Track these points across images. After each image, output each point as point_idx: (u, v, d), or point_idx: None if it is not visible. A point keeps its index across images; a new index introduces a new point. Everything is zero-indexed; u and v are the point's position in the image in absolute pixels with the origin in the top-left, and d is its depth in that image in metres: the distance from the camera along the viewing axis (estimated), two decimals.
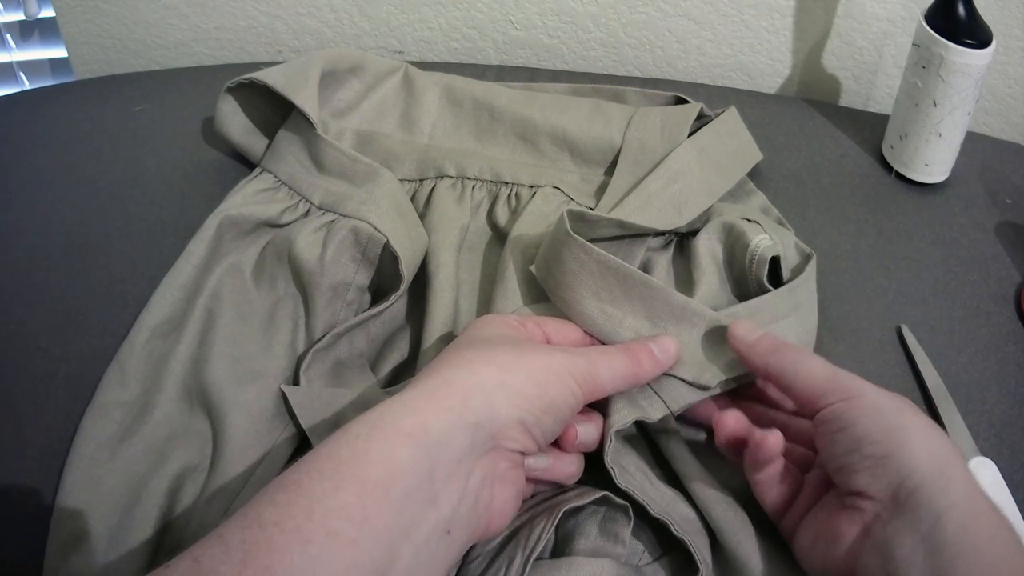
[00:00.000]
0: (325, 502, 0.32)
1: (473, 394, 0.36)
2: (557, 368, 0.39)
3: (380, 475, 0.33)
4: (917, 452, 0.36)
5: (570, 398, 0.39)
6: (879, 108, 0.76)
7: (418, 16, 0.78)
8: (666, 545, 0.43)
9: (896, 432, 0.37)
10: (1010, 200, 0.64)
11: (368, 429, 0.34)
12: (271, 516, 0.31)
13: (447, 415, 0.35)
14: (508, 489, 0.38)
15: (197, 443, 0.47)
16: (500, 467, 0.38)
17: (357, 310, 0.53)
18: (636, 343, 0.43)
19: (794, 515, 0.41)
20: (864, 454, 0.37)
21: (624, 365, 0.42)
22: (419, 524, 0.33)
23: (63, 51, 0.83)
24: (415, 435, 0.34)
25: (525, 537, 0.40)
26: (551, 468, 0.42)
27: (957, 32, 0.57)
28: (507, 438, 0.37)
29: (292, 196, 0.57)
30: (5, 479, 0.46)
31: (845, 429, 0.38)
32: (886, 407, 0.38)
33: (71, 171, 0.65)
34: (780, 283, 0.49)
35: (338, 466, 0.33)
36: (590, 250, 0.45)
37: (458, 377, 0.37)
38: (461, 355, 0.39)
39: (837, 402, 0.39)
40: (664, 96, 0.65)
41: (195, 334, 0.51)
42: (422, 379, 0.38)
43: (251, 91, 0.61)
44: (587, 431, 0.42)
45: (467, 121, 0.64)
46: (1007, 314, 0.56)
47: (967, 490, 0.35)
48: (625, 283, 0.45)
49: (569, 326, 0.46)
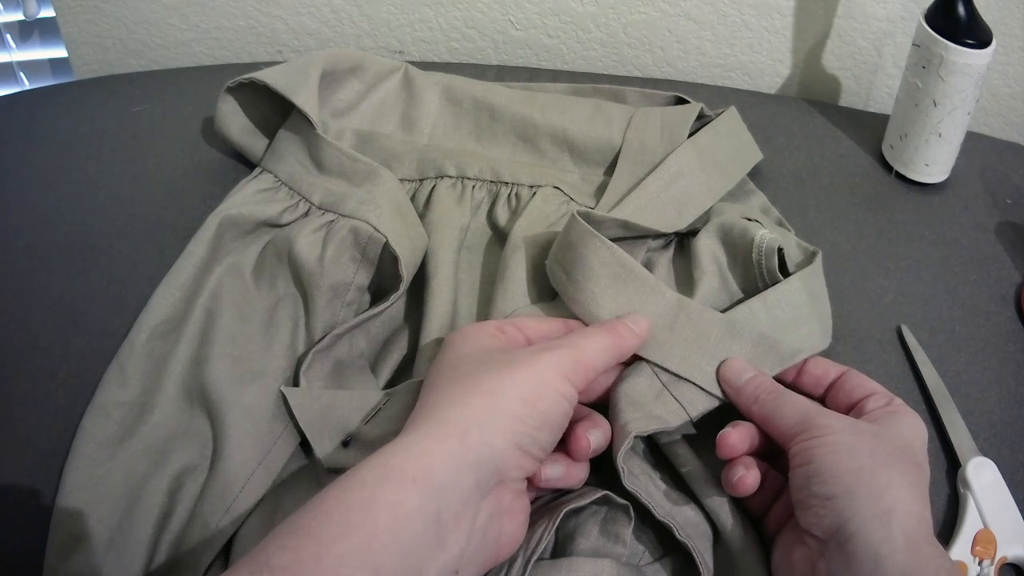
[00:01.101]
0: (334, 548, 0.32)
1: (468, 431, 0.36)
2: (544, 374, 0.39)
3: (388, 521, 0.33)
4: (861, 496, 0.36)
5: (562, 403, 0.39)
6: (879, 108, 0.76)
7: (418, 16, 0.78)
8: (667, 545, 0.43)
9: (847, 474, 0.37)
10: (1010, 200, 0.64)
11: (374, 475, 0.34)
12: (281, 561, 0.31)
13: (449, 458, 0.35)
14: (515, 520, 0.38)
15: (197, 443, 0.47)
16: (505, 501, 0.38)
17: (357, 310, 0.53)
18: (612, 321, 0.44)
19: (772, 522, 0.42)
20: (812, 492, 0.37)
21: (608, 339, 0.43)
22: (427, 567, 0.33)
23: (63, 51, 0.83)
24: (420, 480, 0.34)
25: (527, 539, 0.39)
26: (564, 476, 0.42)
27: (957, 32, 0.57)
28: (511, 468, 0.37)
29: (292, 196, 0.57)
30: (5, 479, 0.46)
31: (802, 466, 0.38)
32: (846, 447, 0.38)
33: (71, 171, 0.65)
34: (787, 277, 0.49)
35: (347, 512, 0.33)
36: (616, 252, 0.46)
37: (450, 415, 0.37)
38: (449, 390, 0.39)
39: (804, 440, 0.39)
40: (664, 96, 0.65)
41: (195, 334, 0.51)
42: (420, 419, 0.38)
43: (251, 91, 0.61)
44: (596, 438, 0.42)
45: (467, 121, 0.63)
46: (1007, 314, 0.56)
47: (911, 538, 0.35)
48: (644, 288, 0.45)
49: (547, 322, 0.46)
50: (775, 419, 0.41)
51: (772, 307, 0.46)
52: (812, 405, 0.41)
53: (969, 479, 0.46)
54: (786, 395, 0.42)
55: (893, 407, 0.42)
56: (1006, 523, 0.44)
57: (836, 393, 0.45)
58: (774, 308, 0.46)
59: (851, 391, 0.44)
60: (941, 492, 0.47)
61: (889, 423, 0.40)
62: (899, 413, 0.41)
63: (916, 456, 0.39)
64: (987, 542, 0.43)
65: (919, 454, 0.40)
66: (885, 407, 0.42)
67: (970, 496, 0.45)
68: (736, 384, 0.44)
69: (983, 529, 0.44)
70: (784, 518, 0.41)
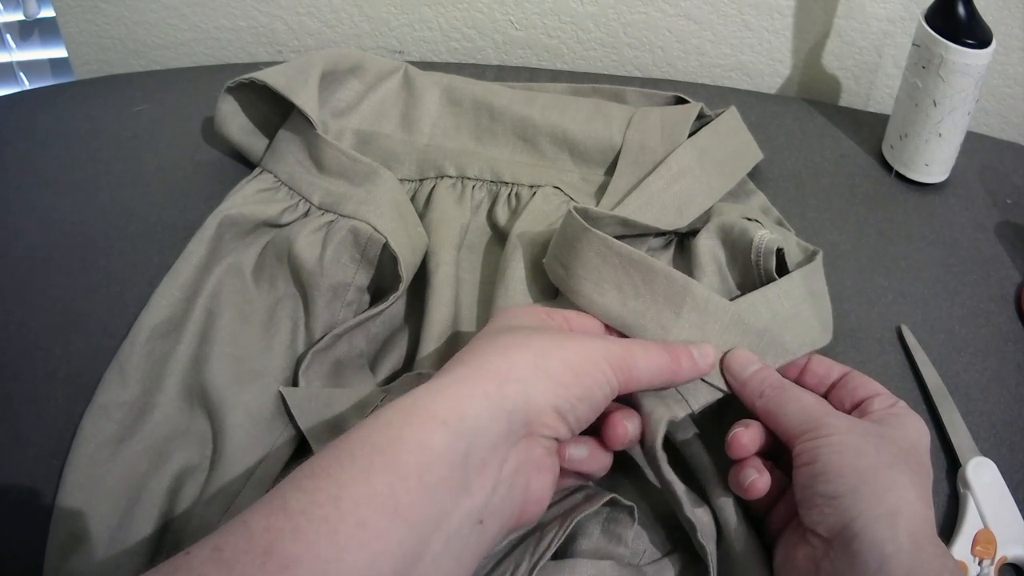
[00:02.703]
0: (354, 490, 0.31)
1: (509, 380, 0.35)
2: (593, 355, 0.38)
3: (414, 463, 0.32)
4: (866, 495, 0.36)
5: (605, 386, 0.39)
6: (879, 108, 0.76)
7: (418, 16, 0.78)
8: (668, 545, 0.43)
9: (852, 473, 0.37)
10: (1010, 200, 0.64)
11: (402, 415, 0.33)
12: (297, 504, 0.30)
13: (483, 401, 0.34)
14: (543, 476, 0.38)
15: (197, 443, 0.47)
16: (535, 454, 0.37)
17: (356, 310, 0.53)
18: (677, 344, 0.43)
19: (775, 520, 0.42)
20: (817, 491, 0.37)
21: (663, 360, 0.41)
22: (451, 513, 0.32)
23: (63, 51, 0.83)
24: (450, 421, 0.33)
25: (535, 543, 0.39)
26: (587, 459, 0.41)
27: (957, 32, 0.57)
28: (542, 425, 0.36)
29: (292, 196, 0.57)
30: (5, 479, 0.46)
31: (807, 465, 0.38)
32: (852, 447, 0.38)
33: (71, 171, 0.65)
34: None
35: (370, 453, 0.32)
36: (611, 243, 0.45)
37: (493, 363, 0.36)
38: (496, 341, 0.38)
39: (809, 439, 0.39)
40: (664, 96, 0.65)
41: (195, 334, 0.51)
42: (456, 365, 0.37)
43: (251, 91, 0.61)
44: (634, 427, 0.41)
45: (467, 121, 0.63)
46: (1007, 314, 0.56)
47: (916, 537, 0.35)
48: (648, 275, 0.44)
49: (592, 320, 0.45)
50: (780, 416, 0.41)
51: (772, 302, 0.46)
52: (818, 403, 0.41)
53: (969, 479, 0.46)
54: (791, 391, 0.42)
55: (897, 409, 0.42)
56: (1006, 523, 0.44)
57: (839, 392, 0.44)
58: (774, 303, 0.46)
59: (854, 391, 0.44)
60: (941, 492, 0.47)
61: (894, 424, 0.40)
62: (903, 415, 0.41)
63: (920, 457, 0.39)
64: (987, 542, 0.43)
65: (923, 456, 0.40)
66: (889, 408, 0.42)
67: (970, 496, 0.45)
68: (741, 376, 0.43)
69: (983, 529, 0.44)
70: (787, 517, 0.41)
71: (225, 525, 0.30)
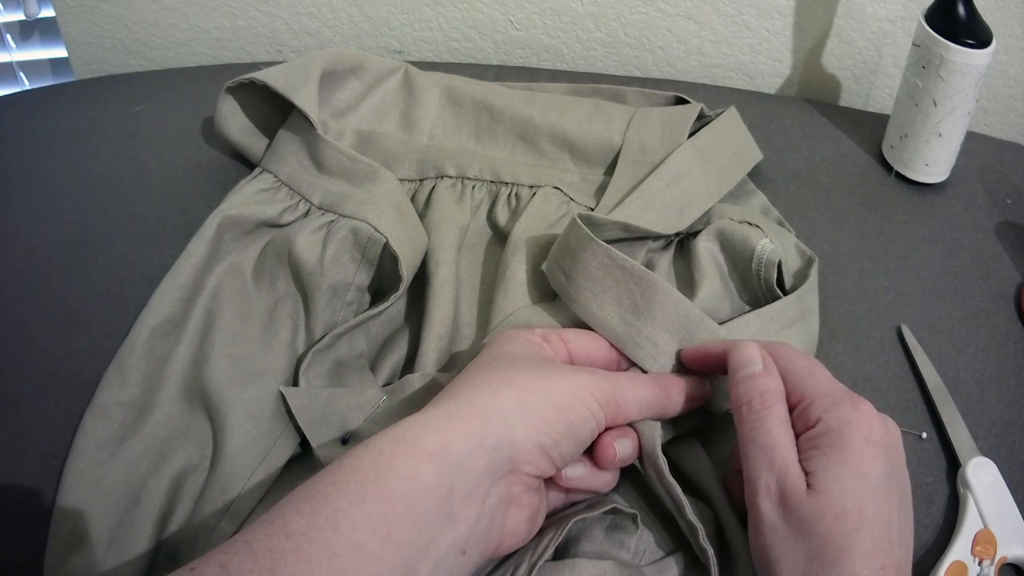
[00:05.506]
0: (351, 515, 0.32)
1: (493, 416, 0.36)
2: (579, 390, 0.39)
3: (403, 492, 0.33)
4: None
5: (591, 420, 0.39)
6: (879, 108, 0.76)
7: (418, 16, 0.78)
8: (668, 546, 0.43)
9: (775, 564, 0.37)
10: (1010, 200, 0.64)
11: (392, 445, 0.35)
12: (298, 526, 0.32)
13: (466, 437, 0.36)
14: (520, 513, 0.38)
15: (197, 443, 0.47)
16: (515, 491, 0.38)
17: (357, 310, 0.53)
18: (666, 376, 0.43)
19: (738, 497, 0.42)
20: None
21: (652, 393, 0.42)
22: (438, 542, 0.34)
23: (63, 51, 0.83)
24: (437, 455, 0.34)
25: (533, 545, 0.40)
26: (587, 477, 0.41)
27: (957, 32, 0.57)
28: (525, 462, 0.37)
29: (292, 196, 0.57)
30: (5, 479, 0.46)
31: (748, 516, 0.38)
32: (771, 543, 0.37)
33: (71, 171, 0.65)
34: (783, 286, 0.49)
35: (363, 480, 0.33)
36: (615, 255, 0.45)
37: (479, 399, 0.37)
38: (483, 376, 0.39)
39: (750, 495, 0.38)
40: (664, 96, 0.65)
41: (195, 334, 0.51)
42: (445, 398, 0.38)
43: (251, 91, 0.61)
44: (624, 447, 0.41)
45: (467, 121, 0.63)
46: (1007, 314, 0.56)
47: None
48: (648, 291, 0.45)
49: (592, 337, 0.45)
50: (745, 446, 0.39)
51: (765, 323, 0.47)
52: (778, 457, 0.38)
53: (969, 479, 0.46)
54: (766, 422, 0.38)
55: (837, 421, 0.38)
56: (1006, 523, 0.44)
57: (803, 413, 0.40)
58: (767, 324, 0.47)
59: (807, 410, 0.39)
60: (941, 492, 0.47)
61: (829, 479, 0.36)
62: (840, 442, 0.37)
63: (845, 523, 0.36)
64: (987, 542, 0.43)
65: (850, 515, 0.36)
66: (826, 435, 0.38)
67: (970, 496, 0.45)
68: (734, 376, 0.41)
69: (983, 529, 0.44)
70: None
71: (227, 542, 0.32)
